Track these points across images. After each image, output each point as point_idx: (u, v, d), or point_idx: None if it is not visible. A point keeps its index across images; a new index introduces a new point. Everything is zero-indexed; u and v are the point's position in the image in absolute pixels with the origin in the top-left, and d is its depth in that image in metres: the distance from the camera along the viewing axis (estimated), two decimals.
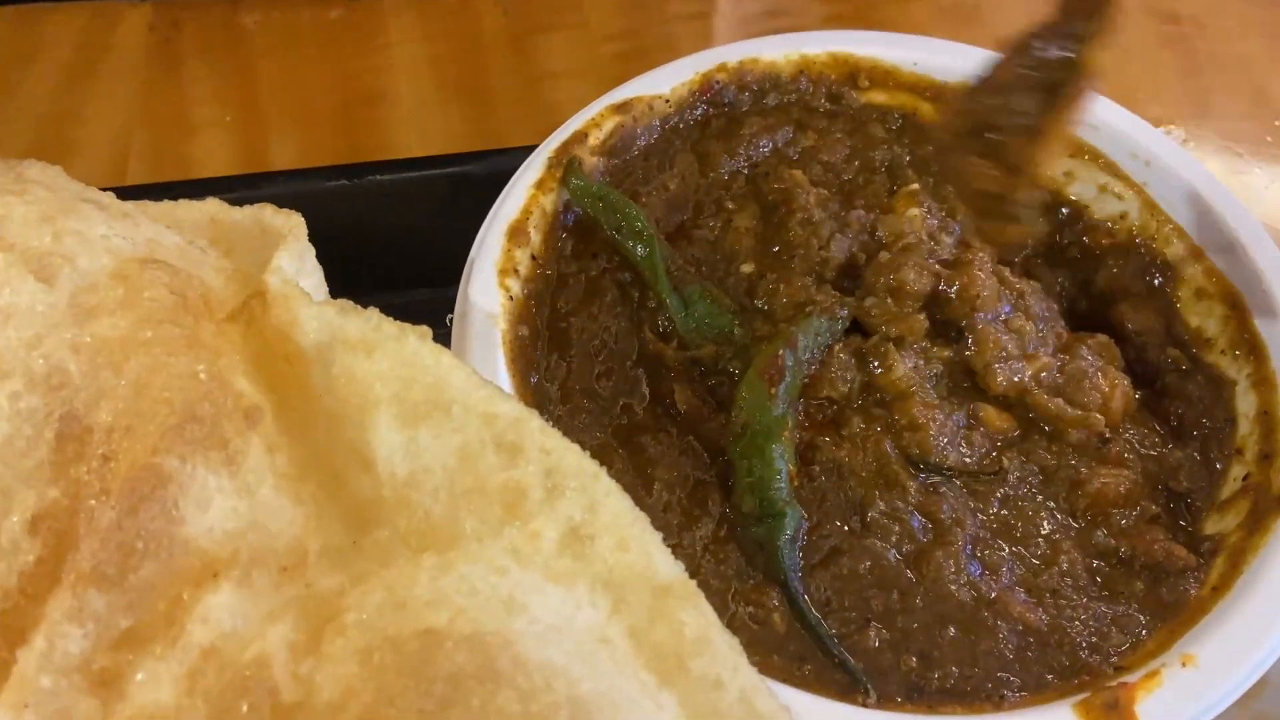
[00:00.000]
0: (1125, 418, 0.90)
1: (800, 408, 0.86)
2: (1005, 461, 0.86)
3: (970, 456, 0.86)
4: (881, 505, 0.82)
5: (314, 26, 1.46)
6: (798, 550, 0.81)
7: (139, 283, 0.67)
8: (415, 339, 0.68)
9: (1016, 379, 0.87)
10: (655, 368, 0.91)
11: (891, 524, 0.82)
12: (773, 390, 0.83)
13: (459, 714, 0.53)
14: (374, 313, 0.69)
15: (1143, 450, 0.89)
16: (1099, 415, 0.88)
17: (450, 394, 0.67)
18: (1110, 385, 0.89)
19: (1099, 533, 0.85)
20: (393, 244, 1.07)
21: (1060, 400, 0.88)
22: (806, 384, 0.86)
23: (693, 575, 0.80)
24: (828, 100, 1.08)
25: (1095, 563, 0.83)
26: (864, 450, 0.84)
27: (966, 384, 0.89)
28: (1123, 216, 1.01)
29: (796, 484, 0.82)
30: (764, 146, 1.05)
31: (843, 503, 0.84)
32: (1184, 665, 0.73)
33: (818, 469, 0.85)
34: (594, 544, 0.65)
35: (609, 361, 0.90)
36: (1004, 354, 0.88)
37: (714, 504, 0.84)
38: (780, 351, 0.84)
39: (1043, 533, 0.84)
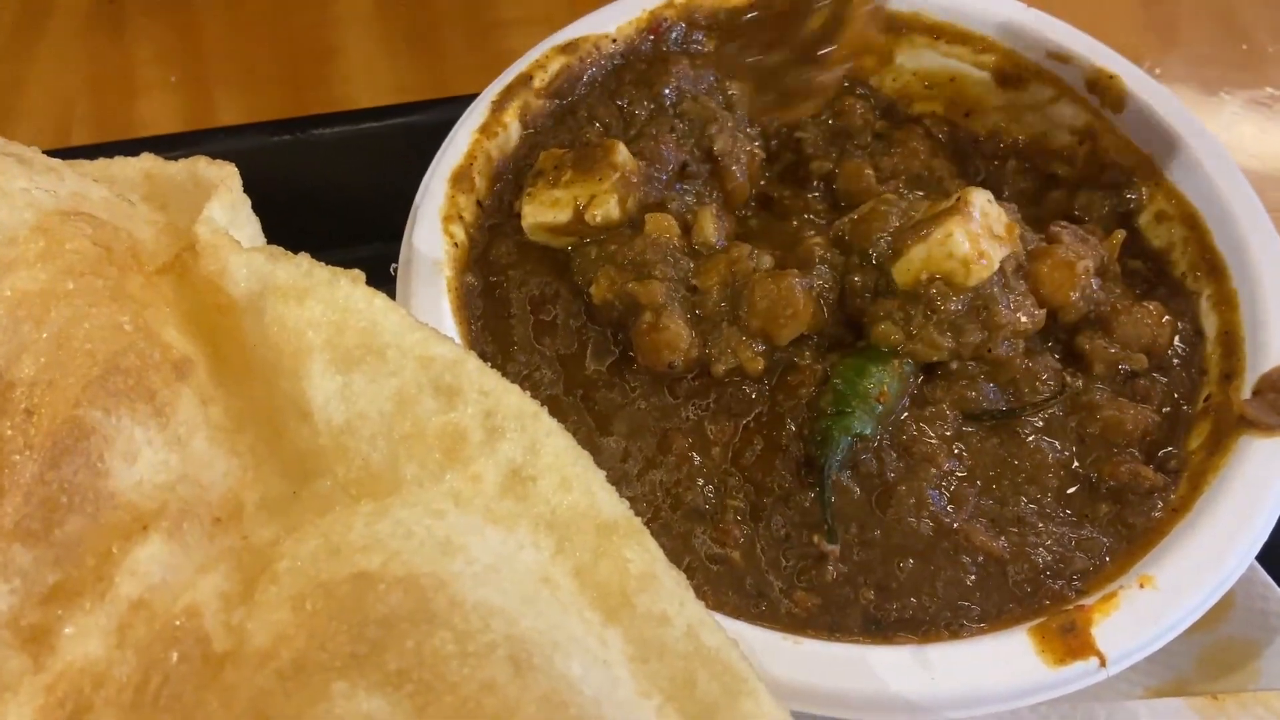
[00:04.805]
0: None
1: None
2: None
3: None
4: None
5: None
6: (848, 453, 0.80)
7: (60, 235, 0.66)
8: (347, 283, 0.66)
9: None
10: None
11: (870, 460, 0.81)
12: None
13: (392, 656, 0.52)
14: (304, 258, 0.67)
15: (1175, 392, 0.87)
16: (1141, 355, 0.87)
17: (384, 338, 0.65)
18: (1160, 325, 0.88)
19: (1075, 458, 0.83)
20: (340, 199, 1.04)
21: (1104, 341, 0.87)
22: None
23: (653, 519, 0.80)
24: None
25: (1067, 488, 0.82)
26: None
27: None
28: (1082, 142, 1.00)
29: (880, 405, 0.81)
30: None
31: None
32: (1142, 587, 0.73)
33: None
34: (536, 485, 0.63)
35: (553, 314, 0.88)
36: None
37: (679, 449, 0.83)
38: None
39: (1028, 459, 0.83)
